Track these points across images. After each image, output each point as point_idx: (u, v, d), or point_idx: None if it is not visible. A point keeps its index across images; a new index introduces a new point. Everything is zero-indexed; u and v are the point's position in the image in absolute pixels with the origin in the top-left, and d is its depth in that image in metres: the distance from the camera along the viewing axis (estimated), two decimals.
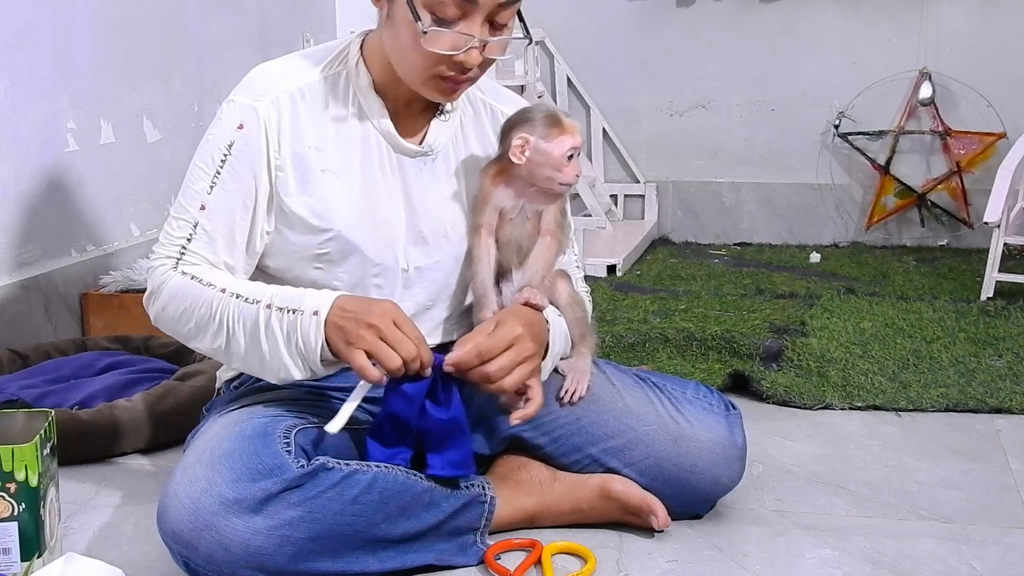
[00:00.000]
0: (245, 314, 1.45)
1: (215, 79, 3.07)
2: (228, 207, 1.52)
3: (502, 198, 1.58)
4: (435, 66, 1.47)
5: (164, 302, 1.52)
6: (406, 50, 1.48)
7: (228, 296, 1.46)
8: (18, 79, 2.38)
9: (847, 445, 1.99)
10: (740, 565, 1.54)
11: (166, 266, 1.52)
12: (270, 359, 1.45)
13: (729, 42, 3.73)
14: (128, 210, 2.76)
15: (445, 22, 1.44)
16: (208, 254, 1.52)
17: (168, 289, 1.51)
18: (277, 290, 1.47)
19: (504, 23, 1.48)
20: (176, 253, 1.52)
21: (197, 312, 1.48)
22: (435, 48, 1.45)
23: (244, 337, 1.46)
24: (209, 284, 1.48)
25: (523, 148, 1.54)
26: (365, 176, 1.57)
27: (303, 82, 1.56)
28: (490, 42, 1.47)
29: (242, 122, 1.53)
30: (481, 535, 1.54)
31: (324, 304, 1.43)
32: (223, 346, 1.48)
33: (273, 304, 1.44)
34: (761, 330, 2.57)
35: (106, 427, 1.92)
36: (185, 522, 1.36)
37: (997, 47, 3.53)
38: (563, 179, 1.55)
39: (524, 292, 1.54)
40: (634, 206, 3.89)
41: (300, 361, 1.44)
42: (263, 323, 1.44)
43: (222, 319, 1.46)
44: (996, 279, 2.90)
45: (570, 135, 1.54)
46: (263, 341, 1.44)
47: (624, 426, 1.63)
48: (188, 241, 1.52)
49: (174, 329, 1.54)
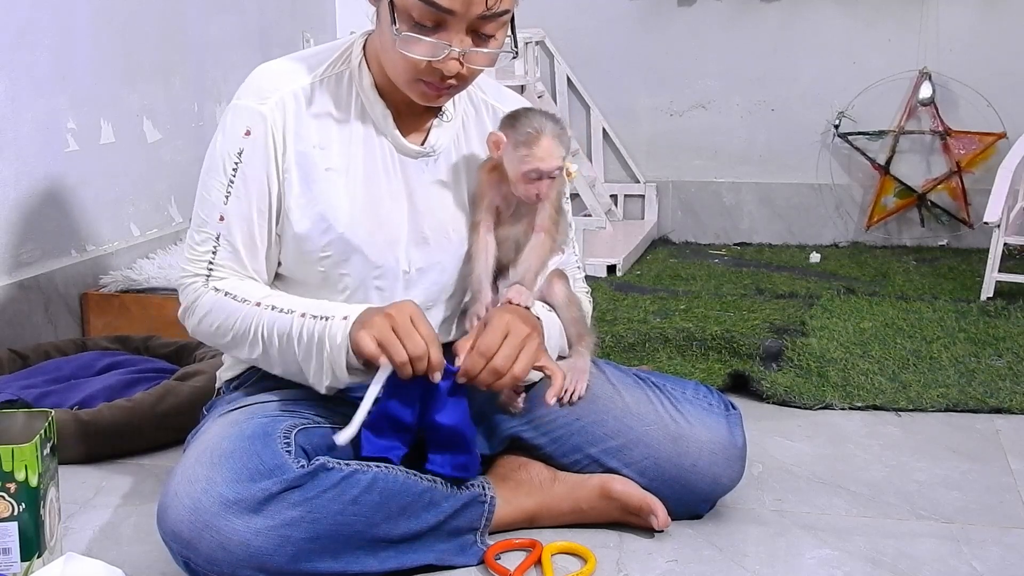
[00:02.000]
0: (280, 324, 1.48)
1: (215, 79, 3.07)
2: (246, 214, 1.54)
3: (495, 194, 1.58)
4: (414, 70, 1.47)
5: (199, 317, 1.55)
6: (388, 52, 1.49)
7: (263, 309, 1.49)
8: (18, 79, 2.38)
9: (847, 445, 1.99)
10: (740, 565, 1.54)
11: (197, 283, 1.55)
12: (304, 366, 1.47)
13: (729, 42, 3.73)
14: (128, 210, 2.76)
15: (423, 28, 1.44)
16: (235, 264, 1.54)
17: (202, 306, 1.54)
18: (311, 302, 1.50)
19: (490, 34, 1.46)
20: (204, 270, 1.55)
21: (234, 326, 1.51)
22: (410, 53, 1.44)
23: (279, 345, 1.48)
24: (244, 300, 1.51)
25: (497, 145, 1.54)
26: (368, 176, 1.57)
27: (307, 82, 1.56)
28: (469, 52, 1.45)
29: (249, 128, 1.53)
30: (481, 535, 1.54)
31: (355, 311, 1.45)
32: (261, 356, 1.51)
33: (307, 313, 1.47)
34: (761, 330, 2.57)
35: (106, 427, 1.92)
36: (185, 522, 1.36)
37: (997, 47, 3.53)
38: (519, 192, 1.54)
39: (510, 291, 1.54)
40: (634, 206, 3.89)
41: (327, 366, 1.45)
42: (296, 331, 1.46)
43: (258, 330, 1.49)
44: (996, 279, 2.90)
45: (539, 159, 1.51)
46: (296, 348, 1.47)
47: (624, 426, 1.63)
48: (213, 254, 1.54)
49: (213, 341, 1.57)
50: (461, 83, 1.50)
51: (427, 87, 1.49)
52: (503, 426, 1.64)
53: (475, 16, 1.42)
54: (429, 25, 1.43)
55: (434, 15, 1.42)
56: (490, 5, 1.41)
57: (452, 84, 1.48)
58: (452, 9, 1.41)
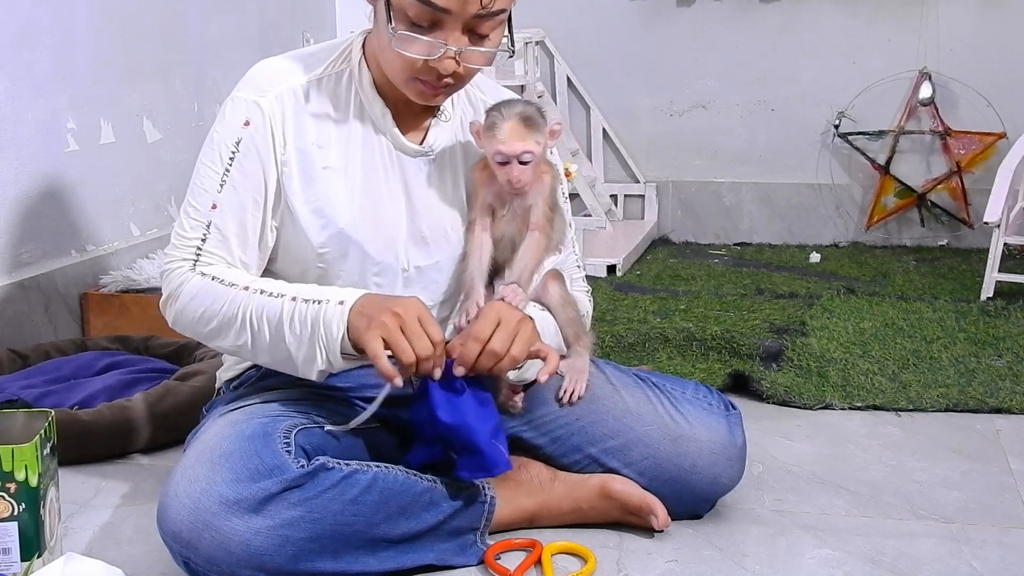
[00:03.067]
0: (270, 308, 1.45)
1: (215, 79, 3.07)
2: (239, 204, 1.53)
3: (488, 192, 1.58)
4: (411, 69, 1.47)
5: (183, 304, 1.51)
6: (385, 51, 1.49)
7: (252, 292, 1.47)
8: (18, 79, 2.38)
9: (847, 445, 1.99)
10: (740, 565, 1.53)
11: (183, 268, 1.52)
12: (295, 351, 1.44)
13: (729, 42, 3.73)
14: (128, 210, 2.76)
15: (419, 27, 1.44)
16: (224, 253, 1.53)
17: (187, 291, 1.51)
18: (301, 285, 1.48)
19: (486, 33, 1.46)
20: (192, 255, 1.52)
21: (220, 312, 1.48)
22: (405, 52, 1.44)
23: (269, 331, 1.45)
24: (231, 284, 1.48)
25: (478, 135, 1.55)
26: (367, 174, 1.57)
27: (306, 79, 1.56)
28: (465, 51, 1.45)
29: (248, 118, 1.53)
30: (481, 535, 1.54)
31: (351, 296, 1.43)
32: (248, 343, 1.48)
33: (299, 297, 1.44)
34: (761, 330, 2.57)
35: (106, 427, 1.92)
36: (185, 522, 1.36)
37: (997, 47, 3.53)
38: (499, 180, 1.55)
39: (504, 291, 1.53)
40: (634, 206, 3.89)
41: (323, 352, 1.43)
42: (287, 315, 1.44)
43: (246, 315, 1.46)
44: (996, 279, 2.90)
45: (500, 141, 1.51)
46: (287, 333, 1.44)
47: (624, 426, 1.63)
48: (203, 241, 1.52)
49: (194, 330, 1.53)
50: (458, 82, 1.50)
51: (424, 86, 1.49)
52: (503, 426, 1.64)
53: (471, 15, 1.42)
54: (425, 24, 1.43)
55: (430, 14, 1.42)
56: (485, 4, 1.41)
57: (449, 83, 1.48)
58: (448, 8, 1.41)
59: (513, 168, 1.52)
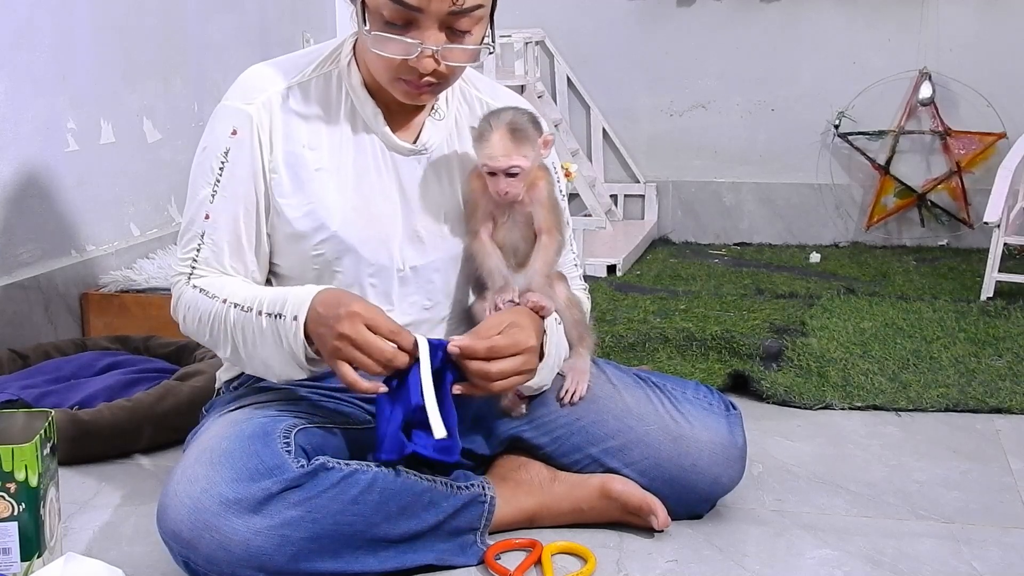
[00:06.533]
0: (243, 323, 1.48)
1: (215, 79, 3.07)
2: (231, 213, 1.54)
3: (487, 201, 1.57)
4: (392, 69, 1.47)
5: (183, 316, 1.57)
6: (366, 51, 1.49)
7: (228, 307, 1.49)
8: (18, 79, 2.38)
9: (847, 445, 1.99)
10: (740, 565, 1.53)
11: (181, 281, 1.56)
12: (271, 363, 1.48)
13: (729, 42, 3.73)
14: (128, 210, 2.76)
15: (395, 27, 1.44)
16: (217, 264, 1.55)
17: (183, 303, 1.55)
18: (267, 294, 1.48)
19: (465, 30, 1.45)
20: (188, 268, 1.56)
21: (208, 324, 1.52)
22: (383, 52, 1.45)
23: (245, 345, 1.49)
24: (213, 296, 1.51)
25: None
26: (359, 175, 1.57)
27: (294, 82, 1.56)
28: (444, 49, 1.44)
29: (235, 127, 1.53)
30: (481, 535, 1.54)
31: (302, 308, 1.43)
32: (237, 353, 1.51)
33: (263, 310, 1.46)
34: (761, 330, 2.57)
35: (106, 427, 1.92)
36: (185, 522, 1.36)
37: (997, 47, 3.53)
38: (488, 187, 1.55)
39: (531, 296, 1.54)
40: (634, 206, 3.89)
41: (295, 363, 1.46)
42: (257, 330, 1.46)
43: (226, 329, 1.50)
44: (996, 279, 2.90)
45: (487, 156, 1.51)
46: (259, 347, 1.47)
47: (624, 426, 1.63)
48: (197, 252, 1.55)
49: (200, 340, 1.58)
50: (442, 81, 1.49)
51: (408, 85, 1.49)
52: (503, 426, 1.64)
53: (444, 12, 1.42)
54: (400, 24, 1.43)
55: (403, 13, 1.42)
56: (457, 1, 1.41)
57: (432, 82, 1.48)
58: (419, 7, 1.41)
59: (500, 180, 1.53)
